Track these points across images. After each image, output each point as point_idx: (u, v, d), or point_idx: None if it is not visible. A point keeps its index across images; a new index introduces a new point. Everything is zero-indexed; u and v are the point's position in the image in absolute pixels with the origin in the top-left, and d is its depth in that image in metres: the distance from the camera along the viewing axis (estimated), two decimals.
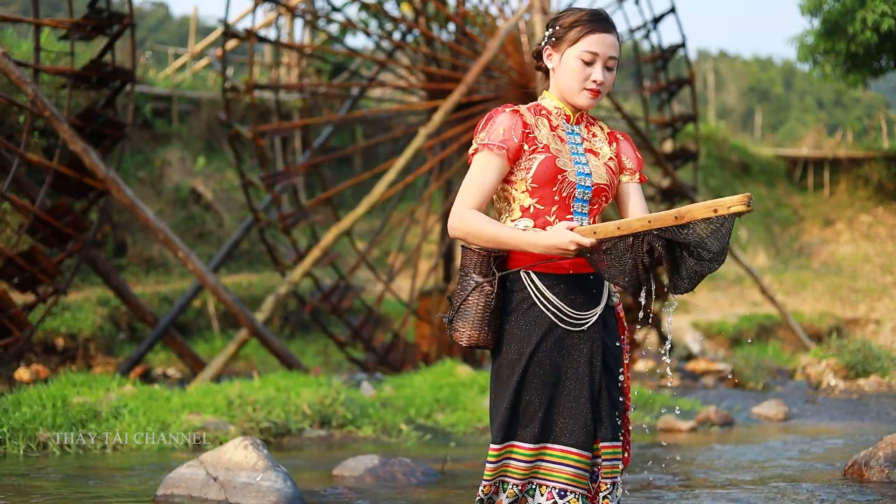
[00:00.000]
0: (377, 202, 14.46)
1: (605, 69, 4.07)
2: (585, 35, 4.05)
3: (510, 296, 4.04)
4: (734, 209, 3.64)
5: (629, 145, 4.29)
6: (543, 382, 3.97)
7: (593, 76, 4.06)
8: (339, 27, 21.12)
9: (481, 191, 4.03)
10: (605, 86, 4.09)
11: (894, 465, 6.48)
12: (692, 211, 3.71)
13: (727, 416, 11.47)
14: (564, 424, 3.96)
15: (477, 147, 4.08)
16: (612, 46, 4.06)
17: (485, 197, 4.03)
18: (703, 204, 3.70)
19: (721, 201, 3.65)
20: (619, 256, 3.84)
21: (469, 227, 3.98)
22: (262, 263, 20.34)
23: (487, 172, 4.04)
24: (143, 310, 13.93)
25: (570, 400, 3.97)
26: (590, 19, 4.08)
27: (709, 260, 3.75)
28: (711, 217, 3.68)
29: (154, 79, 22.68)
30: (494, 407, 4.05)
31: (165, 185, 20.23)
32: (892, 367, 15.35)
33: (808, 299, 24.56)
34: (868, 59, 24.98)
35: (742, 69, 62.03)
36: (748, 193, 3.66)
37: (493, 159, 4.03)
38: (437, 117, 14.61)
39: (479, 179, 4.04)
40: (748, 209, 3.63)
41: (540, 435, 3.96)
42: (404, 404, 10.97)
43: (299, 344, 18.03)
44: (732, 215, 3.66)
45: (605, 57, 4.05)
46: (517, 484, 3.98)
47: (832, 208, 30.64)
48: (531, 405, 3.97)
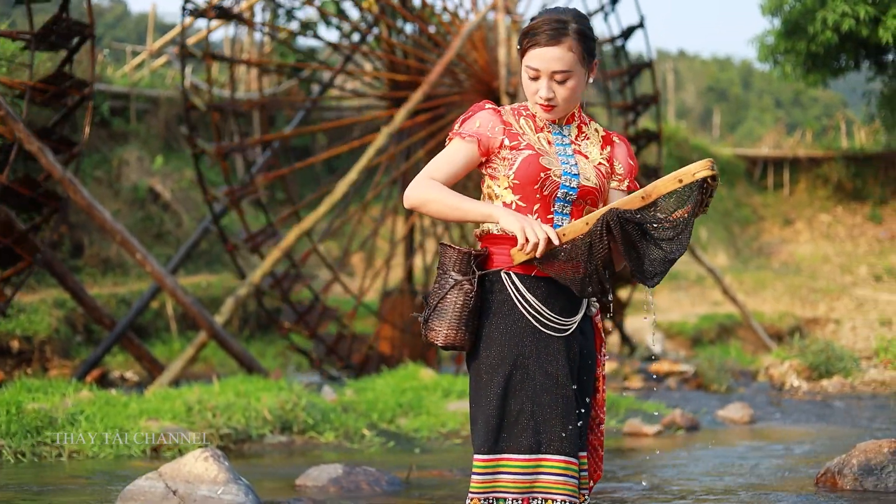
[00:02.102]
0: (338, 202, 14.31)
1: (556, 82, 3.93)
2: (528, 49, 3.92)
3: (489, 297, 3.92)
4: (699, 175, 3.59)
5: (624, 150, 4.14)
6: (531, 389, 3.85)
7: (539, 92, 3.92)
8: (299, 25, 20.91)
9: (448, 169, 3.97)
10: (560, 100, 3.93)
11: (868, 473, 6.40)
12: (658, 187, 3.66)
13: (693, 420, 11.39)
14: (555, 431, 3.84)
15: (450, 136, 4.02)
16: (557, 60, 3.86)
17: (449, 175, 3.97)
18: (668, 177, 3.65)
19: (685, 169, 3.61)
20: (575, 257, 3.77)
21: (429, 193, 3.92)
22: (221, 264, 20.15)
23: (457, 156, 3.98)
24: (100, 312, 13.70)
25: (558, 406, 3.85)
26: (532, 32, 3.91)
27: (671, 239, 3.67)
28: (678, 189, 3.61)
29: (112, 77, 22.42)
30: (476, 413, 3.91)
31: (123, 184, 19.99)
32: (855, 367, 15.33)
33: (769, 299, 24.60)
34: (828, 59, 25.06)
35: (701, 69, 62.34)
36: (710, 158, 3.60)
37: (463, 146, 3.96)
38: (400, 116, 14.48)
39: (447, 159, 3.99)
40: (713, 173, 3.57)
41: (534, 445, 3.84)
42: (366, 409, 10.82)
43: (259, 345, 17.86)
44: (698, 182, 3.60)
45: (547, 72, 3.88)
46: (517, 499, 3.85)
47: (792, 208, 30.76)
48: (522, 414, 3.84)
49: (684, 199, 3.64)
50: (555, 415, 3.85)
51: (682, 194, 3.64)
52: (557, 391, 3.86)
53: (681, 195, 3.65)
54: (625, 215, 3.68)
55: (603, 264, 3.77)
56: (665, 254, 3.71)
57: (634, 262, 3.76)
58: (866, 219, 29.80)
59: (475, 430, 3.91)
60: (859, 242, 28.89)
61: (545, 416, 3.85)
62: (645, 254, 3.74)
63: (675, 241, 3.69)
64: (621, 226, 3.68)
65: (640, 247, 3.73)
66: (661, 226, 3.68)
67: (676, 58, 62.07)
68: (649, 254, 3.73)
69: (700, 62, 65.73)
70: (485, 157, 3.98)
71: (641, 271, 3.77)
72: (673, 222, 3.66)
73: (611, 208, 3.72)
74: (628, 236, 3.71)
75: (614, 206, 3.72)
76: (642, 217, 3.69)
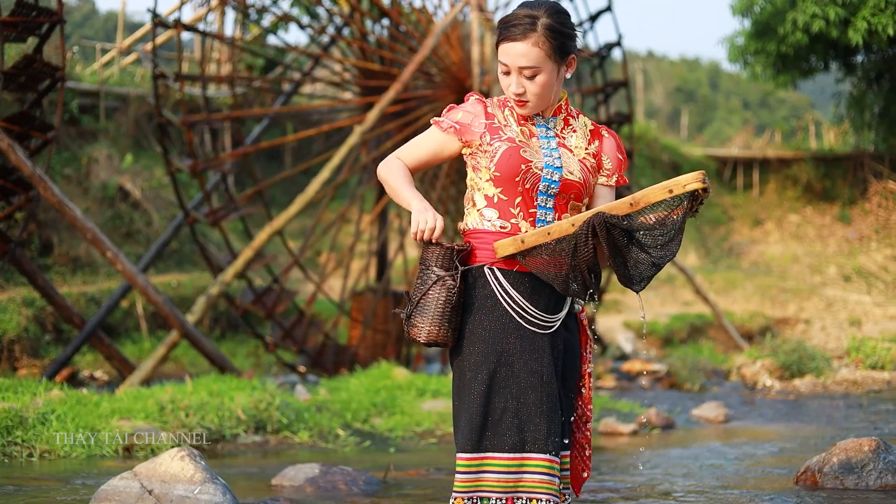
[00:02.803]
0: (311, 201, 14.21)
1: (526, 78, 3.89)
2: (499, 43, 3.92)
3: (473, 292, 3.89)
4: (690, 187, 3.57)
5: (613, 144, 4.11)
6: (515, 387, 3.81)
7: (510, 87, 3.90)
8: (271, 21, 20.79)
9: (414, 153, 4.04)
10: (531, 94, 3.90)
11: (849, 471, 6.39)
12: (647, 195, 3.64)
13: (668, 419, 11.38)
14: (540, 429, 3.80)
15: (432, 122, 4.05)
16: (522, 56, 3.84)
17: (415, 159, 4.04)
18: (658, 186, 3.63)
19: (676, 181, 3.58)
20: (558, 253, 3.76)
21: (387, 172, 4.00)
22: (192, 263, 20.00)
23: (427, 142, 4.04)
24: (70, 311, 13.55)
25: (543, 404, 3.81)
26: (501, 26, 3.91)
27: (661, 246, 3.65)
28: (667, 199, 3.58)
29: (81, 74, 22.21)
30: (459, 411, 3.88)
31: (92, 182, 19.80)
32: (826, 367, 15.38)
33: (739, 299, 24.64)
34: (798, 60, 25.20)
35: (669, 69, 62.54)
36: (702, 171, 3.57)
37: (437, 135, 4.01)
38: (373, 115, 14.40)
39: (416, 144, 4.05)
40: (704, 185, 3.56)
41: (519, 444, 3.79)
42: (340, 408, 10.74)
43: (230, 345, 17.73)
44: (688, 194, 3.57)
45: (515, 67, 3.86)
46: (501, 499, 3.80)
47: (761, 208, 30.83)
48: (507, 412, 3.80)
49: (673, 209, 3.61)
50: (539, 413, 3.81)
51: (671, 204, 3.61)
52: (542, 389, 3.82)
53: (669, 204, 3.62)
54: (611, 220, 3.66)
55: (588, 267, 3.74)
56: (653, 260, 3.69)
57: (620, 267, 3.74)
58: (835, 219, 29.90)
59: (458, 428, 3.87)
60: (828, 243, 28.98)
61: (530, 415, 3.81)
62: (631, 259, 3.72)
63: (665, 247, 3.67)
64: (607, 230, 3.66)
65: (625, 252, 3.71)
66: (649, 232, 3.65)
67: (645, 58, 62.20)
68: (636, 259, 3.71)
69: (668, 63, 65.95)
70: (466, 149, 3.97)
71: (627, 276, 3.76)
72: (663, 229, 3.63)
73: (598, 212, 3.69)
74: (614, 241, 3.69)
75: (601, 210, 3.69)
76: (629, 223, 3.66)
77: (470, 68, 15.40)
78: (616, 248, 3.69)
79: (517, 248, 3.82)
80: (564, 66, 3.93)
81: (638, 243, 3.68)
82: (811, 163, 30.86)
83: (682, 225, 3.63)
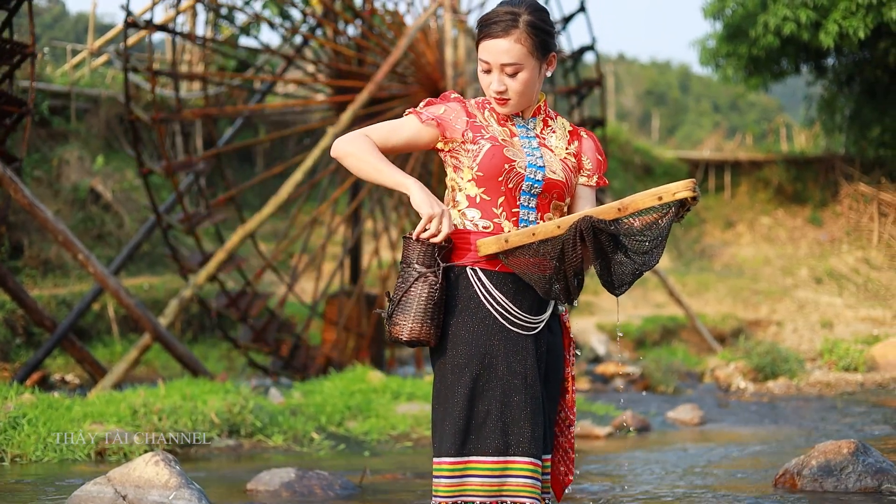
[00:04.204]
0: (284, 203, 14.14)
1: (506, 75, 3.85)
2: (479, 41, 3.87)
3: (455, 293, 3.84)
4: (680, 195, 3.54)
5: (592, 145, 4.08)
6: (499, 389, 3.76)
7: (491, 85, 3.86)
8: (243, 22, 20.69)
9: (387, 135, 3.91)
10: (513, 92, 3.86)
11: (827, 474, 6.37)
12: (636, 201, 3.61)
13: (644, 421, 11.37)
14: (524, 432, 3.75)
15: (409, 111, 3.96)
16: (505, 52, 3.80)
17: (386, 142, 3.90)
18: (647, 192, 3.59)
19: (666, 188, 3.55)
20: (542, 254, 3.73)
21: (356, 146, 3.84)
22: (163, 265, 19.88)
23: (403, 129, 3.93)
24: (41, 314, 13.42)
25: (527, 406, 3.76)
26: (482, 24, 3.86)
27: (645, 253, 3.63)
28: (656, 206, 3.56)
29: (52, 76, 22.06)
30: (441, 414, 3.82)
31: (63, 184, 19.66)
32: (800, 369, 15.42)
33: (711, 301, 24.68)
34: (769, 63, 25.32)
35: (640, 72, 62.73)
36: (692, 179, 3.55)
37: (415, 124, 3.91)
38: (346, 116, 14.34)
39: (391, 127, 3.93)
40: (694, 194, 3.53)
41: (503, 447, 3.74)
42: (315, 412, 10.66)
43: (202, 348, 17.63)
44: (678, 204, 3.55)
45: (496, 65, 3.82)
46: (485, 503, 3.75)
47: (733, 210, 30.91)
48: (490, 415, 3.75)
49: (660, 216, 3.58)
50: (523, 416, 3.77)
51: (659, 210, 3.59)
52: (526, 391, 3.78)
53: (657, 211, 3.59)
54: (598, 225, 3.62)
55: (574, 272, 3.70)
56: (636, 266, 3.67)
57: (603, 271, 3.71)
58: (806, 221, 30.00)
59: (440, 431, 3.82)
60: (800, 245, 29.07)
61: (514, 417, 3.77)
62: (615, 264, 3.69)
63: (648, 254, 3.64)
64: (594, 234, 3.62)
65: (610, 256, 3.68)
66: (635, 238, 3.62)
67: (616, 61, 62.38)
68: (620, 264, 3.68)
69: (639, 66, 66.19)
70: (446, 146, 3.90)
71: (609, 280, 3.73)
72: (649, 236, 3.61)
73: (585, 216, 3.65)
74: (600, 245, 3.65)
75: (588, 214, 3.65)
76: (616, 228, 3.63)
77: (444, 69, 15.35)
78: (602, 252, 3.67)
79: (500, 248, 3.78)
80: (545, 63, 3.90)
81: (623, 248, 3.65)
82: (782, 165, 30.98)
83: (668, 232, 3.61)
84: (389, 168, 3.81)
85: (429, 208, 3.72)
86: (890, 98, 26.52)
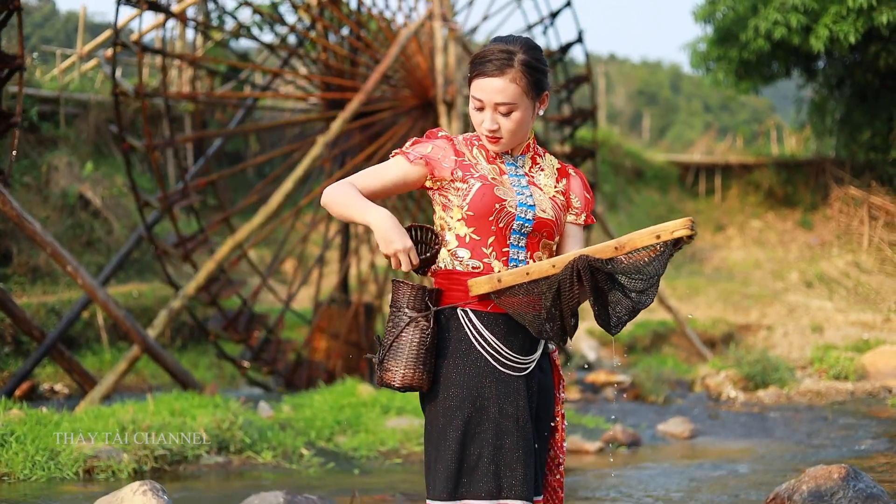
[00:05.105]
0: (273, 212, 14.09)
1: (501, 114, 3.81)
2: (473, 78, 3.82)
3: (446, 335, 3.80)
4: (678, 233, 3.52)
5: (580, 183, 4.05)
6: (491, 432, 3.73)
7: (483, 123, 3.81)
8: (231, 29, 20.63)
9: (372, 181, 3.86)
10: (506, 131, 3.82)
11: (818, 499, 6.35)
12: (633, 240, 3.59)
13: (634, 435, 11.34)
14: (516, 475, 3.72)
15: (396, 152, 3.91)
16: (499, 92, 3.76)
17: (373, 188, 3.85)
18: (645, 231, 3.57)
19: (664, 227, 3.53)
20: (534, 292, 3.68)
21: (335, 194, 3.79)
22: (152, 273, 19.81)
23: (388, 171, 3.88)
24: (30, 324, 13.35)
25: (519, 448, 3.73)
26: (477, 60, 3.81)
27: (642, 291, 3.61)
28: (654, 244, 3.53)
29: (40, 80, 21.98)
30: (433, 457, 3.79)
31: (52, 190, 19.57)
32: (790, 378, 15.42)
33: (701, 305, 24.68)
34: (760, 67, 25.32)
35: (631, 72, 62.79)
36: (690, 217, 3.53)
37: (404, 165, 3.86)
38: (336, 126, 14.31)
39: (375, 172, 3.88)
40: (692, 233, 3.50)
41: (495, 490, 3.71)
42: (304, 426, 10.63)
43: (191, 355, 17.56)
44: (675, 241, 3.53)
45: (490, 103, 3.78)
46: None
47: (723, 214, 30.92)
48: (482, 458, 3.72)
49: (658, 253, 3.56)
50: (515, 458, 3.75)
51: (656, 248, 3.56)
52: (518, 433, 3.76)
53: (654, 249, 3.57)
54: (595, 264, 3.60)
55: (570, 312, 3.67)
56: (634, 304, 3.65)
57: (600, 311, 3.69)
58: (797, 225, 30.01)
59: (433, 474, 3.80)
60: (790, 248, 29.08)
61: (506, 460, 3.74)
62: (612, 302, 3.67)
63: (644, 292, 3.62)
64: (591, 273, 3.59)
65: (608, 295, 3.65)
66: (631, 277, 3.60)
67: (607, 61, 62.40)
68: (617, 303, 3.66)
69: (630, 66, 66.22)
70: (434, 185, 3.87)
71: (606, 320, 3.72)
72: (646, 274, 3.58)
73: (581, 255, 3.62)
74: (597, 284, 3.63)
75: (585, 254, 3.62)
76: (613, 268, 3.60)
77: (434, 78, 15.32)
78: (598, 291, 3.65)
79: (493, 287, 3.75)
80: (539, 102, 3.87)
81: (620, 286, 3.63)
82: (773, 168, 31.00)
83: (664, 269, 3.59)
84: (358, 203, 3.76)
85: (385, 247, 3.69)
86: (880, 102, 26.55)
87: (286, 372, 15.45)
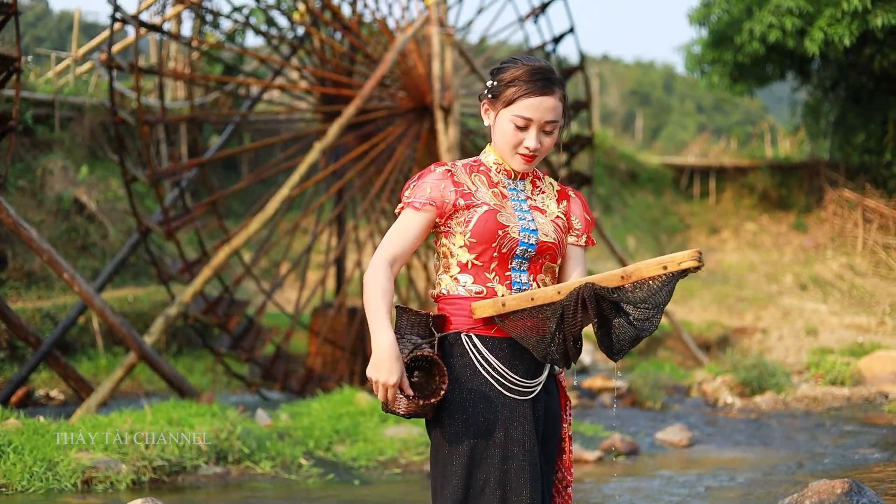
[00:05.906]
0: (269, 219, 14.06)
1: (543, 133, 3.81)
2: (521, 97, 3.78)
3: (450, 361, 3.78)
4: (685, 265, 3.50)
5: (580, 205, 4.05)
6: (497, 457, 3.72)
7: (526, 142, 3.80)
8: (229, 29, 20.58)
9: (402, 239, 3.81)
10: (543, 150, 3.84)
11: None
12: (640, 269, 3.58)
13: (632, 444, 11.33)
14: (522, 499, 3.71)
15: (402, 206, 3.87)
16: (551, 110, 3.78)
17: (405, 246, 3.81)
18: (652, 261, 3.56)
19: (671, 258, 3.52)
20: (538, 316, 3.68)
21: (368, 283, 3.73)
22: (148, 277, 19.76)
23: (409, 226, 3.83)
24: (25, 330, 13.30)
25: (525, 472, 3.72)
26: (528, 79, 3.78)
27: (646, 319, 3.60)
28: (660, 274, 3.53)
29: (35, 83, 21.90)
30: (440, 482, 3.78)
31: (47, 194, 19.51)
32: (787, 383, 15.42)
33: (696, 308, 24.68)
34: (754, 69, 25.32)
35: (624, 72, 62.80)
36: (697, 249, 3.52)
37: (416, 215, 3.83)
38: (333, 131, 14.29)
39: (401, 228, 3.83)
40: (699, 265, 3.49)
41: None
42: (303, 435, 10.61)
43: (187, 361, 17.52)
44: (681, 272, 3.52)
45: (540, 122, 3.78)
46: None
47: (718, 216, 30.92)
48: (489, 483, 3.71)
49: (663, 283, 3.55)
50: (522, 482, 3.74)
51: (662, 277, 3.56)
52: (525, 458, 3.75)
53: (660, 278, 3.56)
54: (601, 293, 3.59)
55: (573, 338, 3.66)
56: (637, 332, 3.64)
57: (604, 337, 3.68)
58: (791, 227, 30.01)
59: (440, 498, 3.79)
60: (785, 251, 29.08)
61: (512, 485, 3.74)
62: (616, 330, 3.66)
63: (648, 320, 3.61)
64: (596, 302, 3.58)
65: (612, 322, 3.64)
66: (637, 306, 3.59)
67: (600, 61, 62.41)
68: (621, 331, 3.65)
69: (623, 66, 66.24)
70: (440, 220, 3.86)
71: (609, 346, 3.71)
72: (651, 303, 3.57)
73: (587, 283, 3.61)
74: (602, 312, 3.62)
75: (591, 282, 3.61)
76: (618, 297, 3.59)
77: (430, 83, 15.30)
78: (603, 318, 3.65)
79: (497, 311, 3.74)
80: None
81: (624, 314, 3.63)
82: (767, 171, 31.00)
83: (669, 299, 3.58)
84: (374, 313, 3.66)
85: (373, 373, 3.59)
86: (874, 104, 26.56)
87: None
